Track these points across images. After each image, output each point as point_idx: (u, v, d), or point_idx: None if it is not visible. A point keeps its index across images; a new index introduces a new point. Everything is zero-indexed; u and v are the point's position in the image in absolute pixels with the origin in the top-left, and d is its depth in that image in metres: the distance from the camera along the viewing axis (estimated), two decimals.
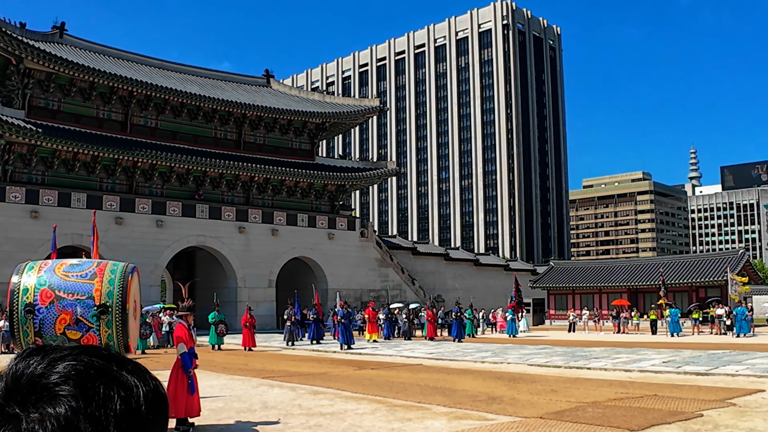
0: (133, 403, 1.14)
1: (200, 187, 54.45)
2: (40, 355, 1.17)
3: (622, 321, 49.00)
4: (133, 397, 1.15)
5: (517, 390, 17.04)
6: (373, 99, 68.60)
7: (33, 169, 47.67)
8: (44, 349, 1.18)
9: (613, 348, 30.94)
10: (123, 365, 1.19)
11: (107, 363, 1.16)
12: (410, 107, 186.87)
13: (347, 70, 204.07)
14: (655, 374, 20.70)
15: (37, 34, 50.41)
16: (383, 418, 13.26)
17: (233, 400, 15.91)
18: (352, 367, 24.20)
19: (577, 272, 66.82)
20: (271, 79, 67.81)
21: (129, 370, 1.19)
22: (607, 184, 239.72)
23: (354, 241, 61.45)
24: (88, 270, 8.26)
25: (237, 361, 27.22)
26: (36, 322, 7.94)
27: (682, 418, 12.60)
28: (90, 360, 1.16)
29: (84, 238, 44.73)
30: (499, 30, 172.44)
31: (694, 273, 57.12)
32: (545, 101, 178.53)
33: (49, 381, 1.11)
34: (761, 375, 19.10)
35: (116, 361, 1.19)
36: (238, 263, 54.37)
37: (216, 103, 54.55)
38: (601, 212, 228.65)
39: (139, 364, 1.23)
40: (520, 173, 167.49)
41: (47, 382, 1.11)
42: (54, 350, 1.18)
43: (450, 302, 55.40)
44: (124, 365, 1.19)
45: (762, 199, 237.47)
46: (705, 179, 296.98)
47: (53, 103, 49.71)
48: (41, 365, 1.14)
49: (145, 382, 1.19)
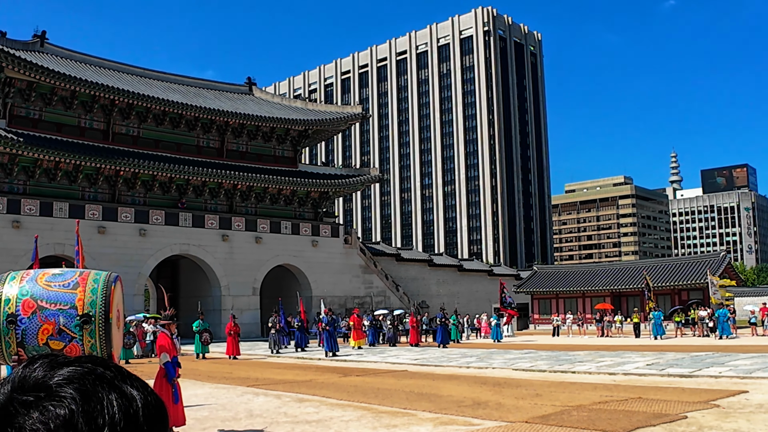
0: (132, 412, 1.16)
1: (183, 195, 54.26)
2: (46, 361, 1.20)
3: (606, 324, 49.21)
4: (132, 406, 1.16)
5: (503, 395, 17.06)
6: (356, 106, 68.71)
7: (14, 179, 47.35)
8: (51, 356, 1.21)
9: (597, 351, 31.04)
10: (126, 377, 1.22)
11: (111, 373, 1.19)
12: (393, 114, 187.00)
13: (329, 77, 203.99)
14: (639, 377, 20.80)
15: (18, 43, 50.11)
16: (368, 424, 13.24)
17: (218, 409, 15.84)
18: (337, 374, 24.16)
19: (560, 277, 67.06)
20: (253, 86, 67.73)
21: (131, 383, 1.21)
22: (589, 189, 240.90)
23: (338, 248, 61.38)
24: (71, 279, 8.21)
25: (222, 369, 27.10)
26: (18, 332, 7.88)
27: (666, 420, 12.67)
28: (93, 367, 1.19)
29: (66, 248, 44.43)
30: (480, 36, 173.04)
31: (676, 276, 57.45)
32: (527, 107, 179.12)
33: (52, 382, 1.14)
34: (744, 376, 19.22)
35: (120, 372, 1.22)
36: (222, 271, 54.18)
37: (198, 111, 54.41)
38: (584, 216, 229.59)
39: (141, 380, 1.25)
40: (502, 179, 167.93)
41: (50, 384, 1.14)
42: (60, 357, 1.21)
43: (434, 308, 55.44)
44: (128, 377, 1.22)
45: (742, 201, 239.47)
46: (686, 183, 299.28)
47: (35, 112, 49.42)
48: (45, 369, 1.17)
49: (145, 395, 1.21)
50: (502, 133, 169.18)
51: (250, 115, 56.98)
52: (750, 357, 24.93)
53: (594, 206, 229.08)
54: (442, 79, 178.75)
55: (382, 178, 70.49)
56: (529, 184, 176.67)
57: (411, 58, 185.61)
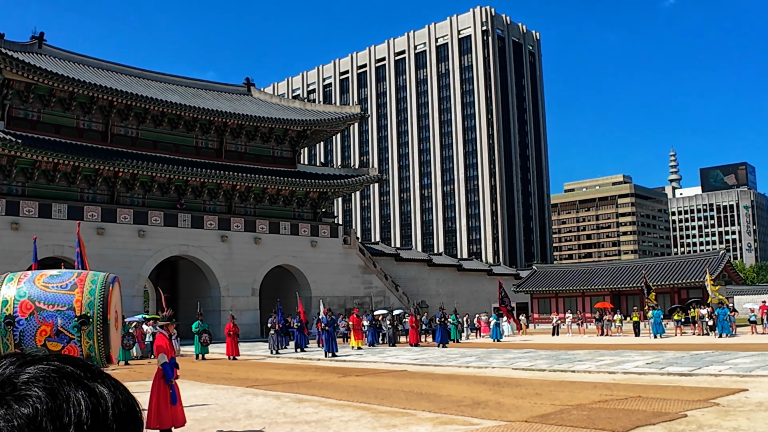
0: (101, 411, 1.13)
1: (182, 196, 54.23)
2: (15, 358, 1.18)
3: (605, 323, 49.19)
4: (101, 405, 1.14)
5: (502, 394, 17.04)
6: (354, 106, 68.65)
7: (13, 181, 47.31)
8: (20, 355, 1.19)
9: (597, 350, 31.03)
10: (97, 376, 1.19)
11: (80, 371, 1.16)
12: (391, 114, 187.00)
13: (328, 77, 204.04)
14: (639, 376, 20.78)
15: (16, 45, 50.08)
16: (368, 425, 13.22)
17: (217, 410, 15.82)
18: (336, 374, 24.14)
19: (559, 276, 67.08)
20: (251, 87, 67.71)
21: (101, 381, 1.18)
22: (588, 188, 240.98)
23: (337, 249, 61.36)
24: (68, 281, 8.18)
25: (221, 370, 27.09)
26: (16, 334, 7.85)
27: (666, 418, 12.65)
28: (62, 365, 1.17)
29: (65, 249, 44.42)
30: (479, 36, 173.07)
31: (675, 274, 57.47)
32: (525, 106, 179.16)
33: (18, 380, 1.12)
34: (744, 374, 19.21)
35: (90, 371, 1.19)
36: (221, 272, 54.15)
37: (197, 111, 54.38)
38: (583, 216, 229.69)
39: (114, 379, 1.22)
40: (501, 178, 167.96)
41: (16, 382, 1.12)
42: (29, 356, 1.19)
43: (434, 308, 55.42)
44: (98, 376, 1.19)
45: (741, 200, 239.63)
46: (685, 181, 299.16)
47: (33, 113, 49.39)
48: (13, 367, 1.15)
49: (116, 393, 1.18)
50: (500, 132, 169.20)
51: (248, 115, 56.95)
52: (750, 355, 24.93)
53: (593, 205, 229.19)
54: (441, 79, 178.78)
55: (381, 178, 70.41)
56: (528, 184, 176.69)
57: (409, 58, 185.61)
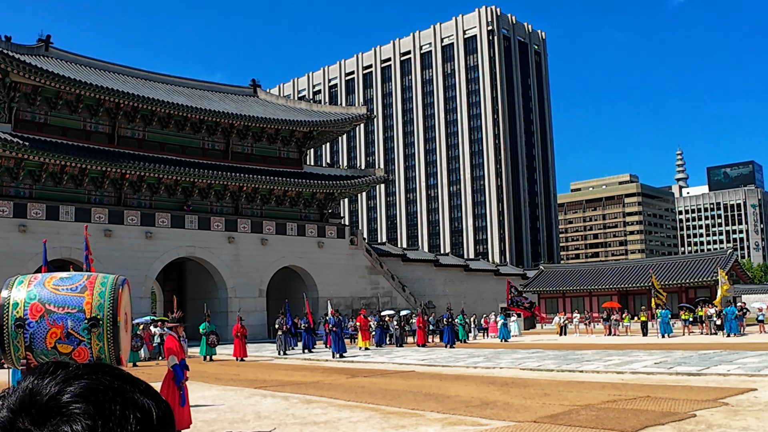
0: (148, 424, 1.14)
1: (189, 197, 54.31)
2: (55, 373, 1.16)
3: (613, 323, 49.10)
4: (148, 418, 1.15)
5: (510, 394, 17.03)
6: (360, 107, 68.65)
7: (20, 183, 47.45)
8: (59, 366, 1.17)
9: (605, 350, 30.99)
10: (136, 386, 1.19)
11: (121, 383, 1.16)
12: (397, 114, 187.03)
13: (333, 78, 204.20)
14: (647, 375, 20.75)
15: (23, 48, 50.19)
16: (377, 425, 13.22)
17: (226, 411, 15.85)
18: (344, 375, 24.15)
19: (566, 275, 66.94)
20: (258, 88, 67.75)
21: (142, 390, 1.19)
22: (594, 187, 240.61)
23: (344, 249, 61.38)
24: (78, 283, 8.21)
25: (229, 371, 27.12)
26: (26, 336, 7.88)
27: (675, 418, 12.63)
28: (105, 379, 1.16)
29: (73, 251, 44.54)
30: (484, 36, 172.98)
31: (683, 274, 57.31)
32: (531, 106, 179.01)
33: (63, 399, 1.10)
34: (753, 374, 19.16)
35: (129, 381, 1.19)
36: (228, 273, 54.22)
37: (203, 113, 54.45)
38: (590, 215, 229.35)
39: (149, 385, 1.23)
40: (508, 178, 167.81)
41: (61, 399, 1.10)
42: (69, 368, 1.17)
43: (441, 308, 55.39)
44: (137, 385, 1.20)
45: (749, 199, 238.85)
46: (692, 180, 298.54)
47: (40, 116, 49.51)
48: (56, 382, 1.13)
49: (157, 403, 1.19)
50: (507, 132, 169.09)
51: (254, 117, 57.00)
52: (758, 354, 24.86)
53: (600, 205, 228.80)
54: (447, 79, 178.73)
55: (387, 179, 70.46)
56: (535, 183, 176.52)
57: (415, 59, 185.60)
